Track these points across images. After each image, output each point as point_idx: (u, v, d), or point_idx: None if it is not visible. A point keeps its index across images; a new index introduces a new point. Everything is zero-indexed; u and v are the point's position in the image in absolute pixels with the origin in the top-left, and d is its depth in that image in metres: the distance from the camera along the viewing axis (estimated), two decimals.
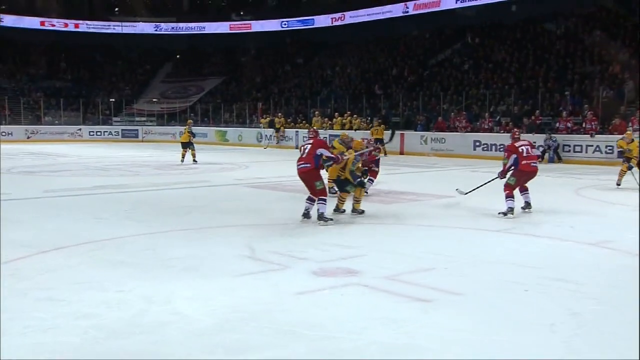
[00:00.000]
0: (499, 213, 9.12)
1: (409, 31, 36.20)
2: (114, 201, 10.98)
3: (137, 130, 37.38)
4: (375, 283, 5.55)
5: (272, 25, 42.78)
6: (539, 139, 20.03)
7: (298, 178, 8.99)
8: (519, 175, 9.22)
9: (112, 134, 36.87)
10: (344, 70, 36.99)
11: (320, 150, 8.80)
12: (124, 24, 44.85)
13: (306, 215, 8.74)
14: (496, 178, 9.73)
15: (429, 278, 5.81)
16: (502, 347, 4.18)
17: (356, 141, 9.81)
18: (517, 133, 9.99)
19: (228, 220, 9.06)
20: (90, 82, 44.19)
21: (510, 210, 9.08)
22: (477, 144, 22.13)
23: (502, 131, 22.35)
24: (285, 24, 42.22)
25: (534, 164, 9.33)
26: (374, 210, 9.85)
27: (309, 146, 8.89)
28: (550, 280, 5.77)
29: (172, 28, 45.33)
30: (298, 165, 8.82)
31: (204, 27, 44.79)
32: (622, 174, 12.67)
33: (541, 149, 19.90)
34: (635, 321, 4.66)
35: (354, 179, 9.13)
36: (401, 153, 24.02)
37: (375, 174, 11.18)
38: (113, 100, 41.09)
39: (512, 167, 9.34)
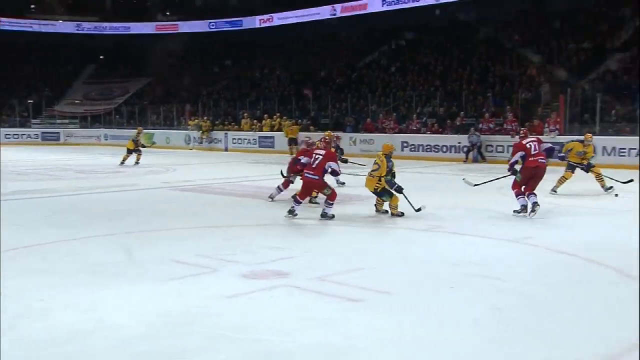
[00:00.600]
0: (514, 212, 9.27)
1: (337, 33, 36.51)
2: (34, 206, 10.57)
3: (58, 133, 36.04)
4: (305, 284, 5.57)
5: (199, 26, 42.20)
6: (464, 139, 20.63)
7: (228, 180, 8.94)
8: (525, 172, 9.29)
9: (31, 137, 35.38)
10: (272, 72, 36.94)
11: (329, 164, 9.09)
12: (41, 22, 43.11)
13: (291, 212, 8.96)
14: (508, 175, 9.78)
15: (358, 278, 5.86)
16: (429, 343, 4.28)
17: (385, 145, 9.68)
18: (523, 132, 10.07)
19: (155, 224, 8.87)
20: (5, 83, 42.24)
21: (524, 207, 9.17)
22: (405, 144, 22.50)
23: (428, 132, 22.91)
24: (212, 25, 41.76)
25: (542, 160, 9.32)
26: (304, 211, 9.89)
27: (321, 157, 9.07)
28: (475, 276, 5.95)
29: (95, 28, 43.97)
30: (306, 174, 9.12)
31: (129, 28, 43.71)
32: (562, 181, 11.89)
33: (465, 148, 20.51)
34: (556, 315, 4.89)
35: (391, 186, 9.09)
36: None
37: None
38: (31, 101, 39.45)
39: (520, 164, 9.43)
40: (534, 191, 9.23)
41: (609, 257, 6.61)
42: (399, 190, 9.06)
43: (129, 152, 19.36)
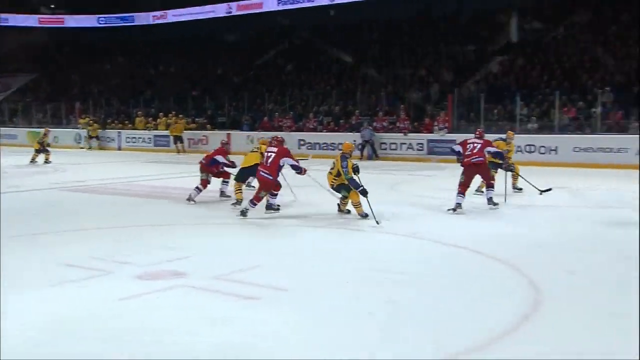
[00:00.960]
0: (448, 210, 9.37)
1: (234, 32, 36.17)
2: None
3: None
4: (202, 284, 5.53)
5: (87, 21, 40.39)
6: (359, 137, 21.05)
7: (121, 180, 8.68)
8: (464, 172, 9.53)
9: None
10: (167, 70, 36.09)
11: (283, 160, 9.00)
12: None
13: (243, 213, 8.85)
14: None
15: (255, 276, 5.88)
16: (325, 338, 4.37)
17: (345, 144, 9.43)
18: (479, 133, 10.23)
19: (45, 227, 8.48)
20: None
21: (458, 205, 9.34)
22: (302, 142, 22.73)
23: (324, 130, 23.24)
24: (102, 20, 40.11)
25: (475, 159, 9.51)
26: (200, 210, 9.78)
27: (273, 155, 8.95)
28: (370, 270, 6.09)
29: None
30: (260, 172, 9.00)
31: (7, 19, 40.92)
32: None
33: (360, 145, 20.96)
34: (448, 305, 5.11)
35: (356, 187, 8.72)
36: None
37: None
38: None
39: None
40: (491, 186, 9.86)
41: (500, 251, 6.92)
42: (364, 193, 8.68)
43: (37, 151, 19.16)
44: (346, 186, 8.88)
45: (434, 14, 29.18)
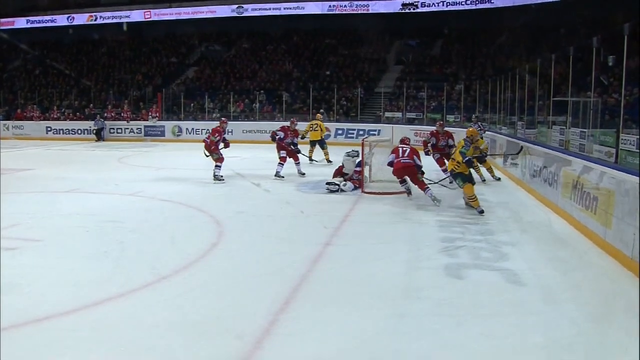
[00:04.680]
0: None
1: None
2: None
3: None
4: None
5: None
6: (93, 124, 19.50)
7: None
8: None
9: None
10: None
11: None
12: None
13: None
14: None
15: (16, 231, 5.31)
16: (72, 273, 4.15)
17: (470, 129, 6.92)
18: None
19: None
20: None
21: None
22: (49, 129, 20.34)
23: (67, 119, 21.00)
24: None
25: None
26: None
27: (409, 149, 7.19)
28: (104, 222, 5.73)
29: None
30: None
31: None
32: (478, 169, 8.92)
33: (94, 131, 19.45)
34: (150, 241, 5.06)
35: (468, 163, 6.53)
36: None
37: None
38: None
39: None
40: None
41: (192, 201, 7.01)
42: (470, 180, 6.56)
43: None
44: (464, 176, 6.49)
45: (146, 35, 27.59)
